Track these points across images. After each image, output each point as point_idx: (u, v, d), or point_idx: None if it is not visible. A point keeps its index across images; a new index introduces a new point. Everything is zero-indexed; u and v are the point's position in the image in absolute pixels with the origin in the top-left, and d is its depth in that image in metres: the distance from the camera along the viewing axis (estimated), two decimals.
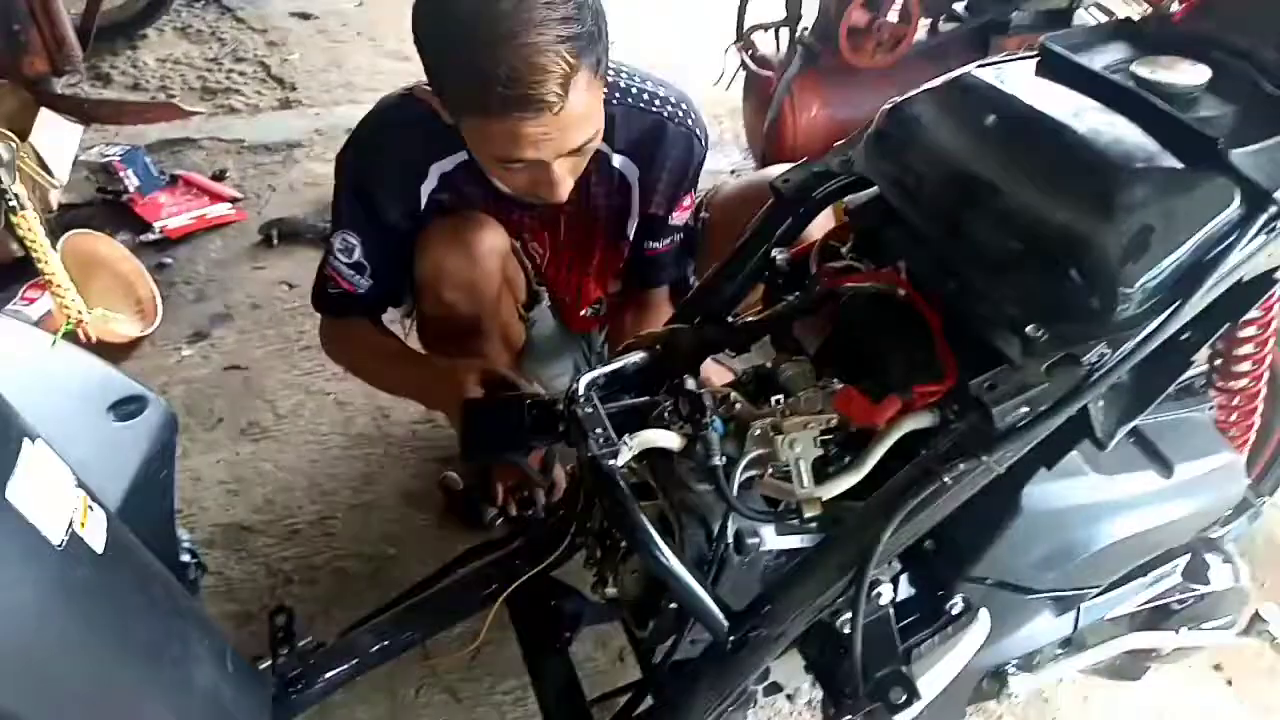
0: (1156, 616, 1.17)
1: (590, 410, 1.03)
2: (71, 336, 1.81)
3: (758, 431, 1.02)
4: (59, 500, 0.73)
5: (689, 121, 1.47)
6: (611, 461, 0.99)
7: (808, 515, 0.98)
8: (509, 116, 1.11)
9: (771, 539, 1.02)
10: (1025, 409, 0.85)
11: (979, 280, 0.96)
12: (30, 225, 1.82)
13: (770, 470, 1.02)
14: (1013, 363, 0.93)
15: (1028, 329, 0.88)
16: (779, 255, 1.15)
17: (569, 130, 1.15)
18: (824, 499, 0.98)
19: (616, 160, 1.45)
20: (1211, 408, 1.11)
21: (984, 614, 0.96)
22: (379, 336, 1.52)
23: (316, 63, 3.32)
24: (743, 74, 2.59)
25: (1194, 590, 1.12)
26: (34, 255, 1.85)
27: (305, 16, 3.60)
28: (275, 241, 2.48)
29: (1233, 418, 1.15)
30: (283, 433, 1.94)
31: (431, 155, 1.38)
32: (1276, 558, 1.68)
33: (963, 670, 0.98)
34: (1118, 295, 0.85)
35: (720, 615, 0.98)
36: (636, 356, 1.16)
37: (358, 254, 1.42)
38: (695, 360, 1.18)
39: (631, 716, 1.09)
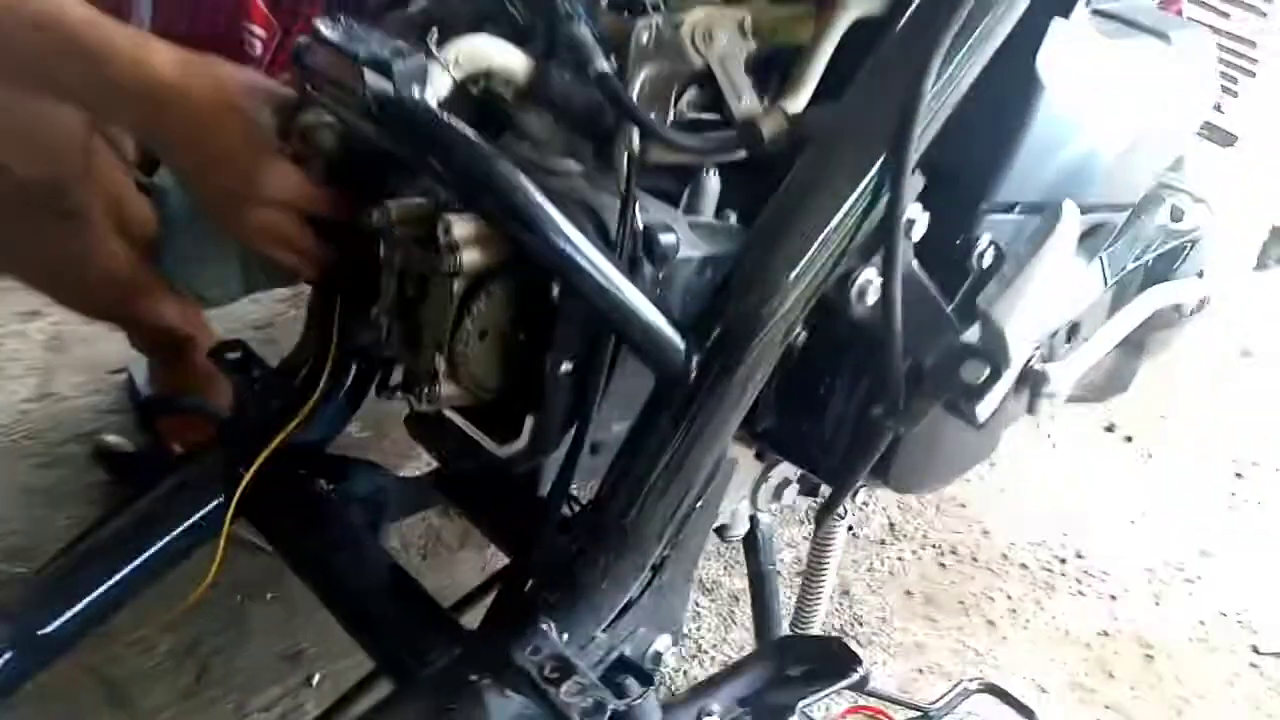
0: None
1: (338, 35, 0.56)
2: None
3: (647, 36, 0.62)
4: None
5: None
6: (417, 91, 0.53)
7: (770, 135, 0.60)
8: None
9: (691, 242, 0.60)
10: None
11: None
12: None
13: (683, 99, 0.62)
14: None
15: None
16: None
17: None
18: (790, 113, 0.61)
19: None
20: None
21: (1069, 204, 0.61)
22: None
23: None
24: None
25: (1184, 238, 0.88)
26: None
27: None
28: None
29: None
30: None
31: None
32: None
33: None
34: None
35: (673, 332, 0.56)
36: None
37: None
38: None
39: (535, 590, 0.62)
